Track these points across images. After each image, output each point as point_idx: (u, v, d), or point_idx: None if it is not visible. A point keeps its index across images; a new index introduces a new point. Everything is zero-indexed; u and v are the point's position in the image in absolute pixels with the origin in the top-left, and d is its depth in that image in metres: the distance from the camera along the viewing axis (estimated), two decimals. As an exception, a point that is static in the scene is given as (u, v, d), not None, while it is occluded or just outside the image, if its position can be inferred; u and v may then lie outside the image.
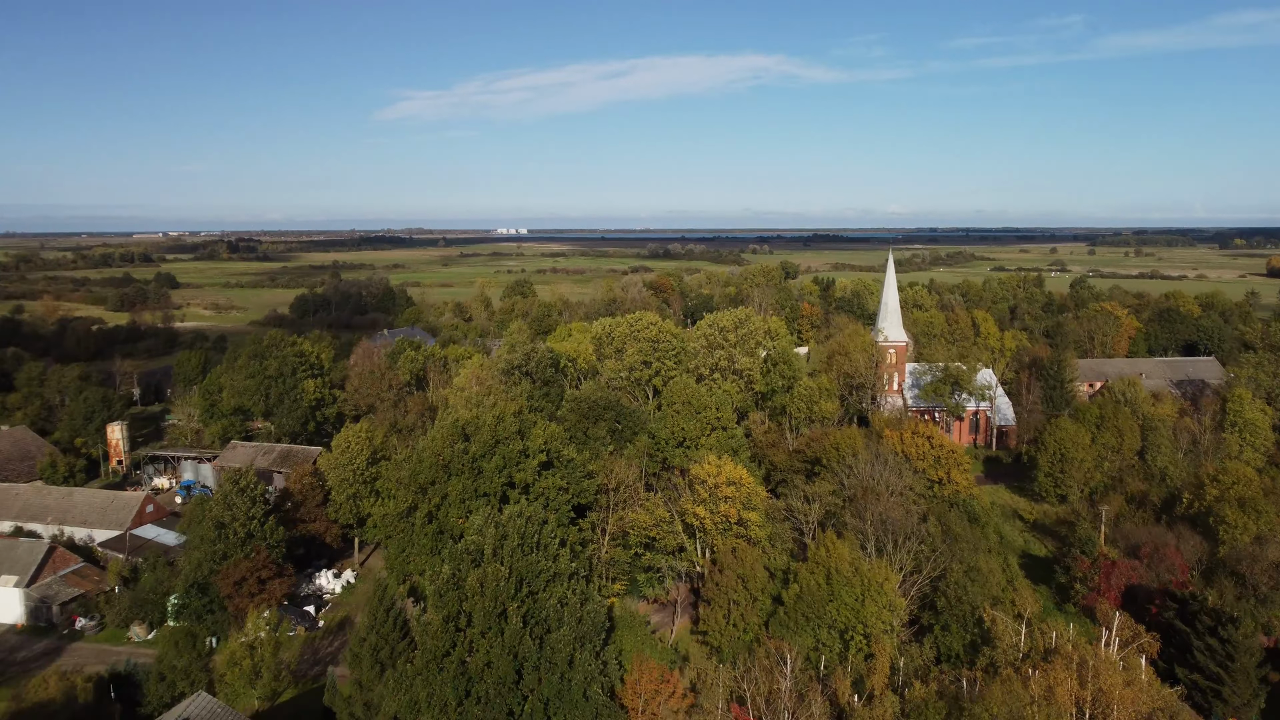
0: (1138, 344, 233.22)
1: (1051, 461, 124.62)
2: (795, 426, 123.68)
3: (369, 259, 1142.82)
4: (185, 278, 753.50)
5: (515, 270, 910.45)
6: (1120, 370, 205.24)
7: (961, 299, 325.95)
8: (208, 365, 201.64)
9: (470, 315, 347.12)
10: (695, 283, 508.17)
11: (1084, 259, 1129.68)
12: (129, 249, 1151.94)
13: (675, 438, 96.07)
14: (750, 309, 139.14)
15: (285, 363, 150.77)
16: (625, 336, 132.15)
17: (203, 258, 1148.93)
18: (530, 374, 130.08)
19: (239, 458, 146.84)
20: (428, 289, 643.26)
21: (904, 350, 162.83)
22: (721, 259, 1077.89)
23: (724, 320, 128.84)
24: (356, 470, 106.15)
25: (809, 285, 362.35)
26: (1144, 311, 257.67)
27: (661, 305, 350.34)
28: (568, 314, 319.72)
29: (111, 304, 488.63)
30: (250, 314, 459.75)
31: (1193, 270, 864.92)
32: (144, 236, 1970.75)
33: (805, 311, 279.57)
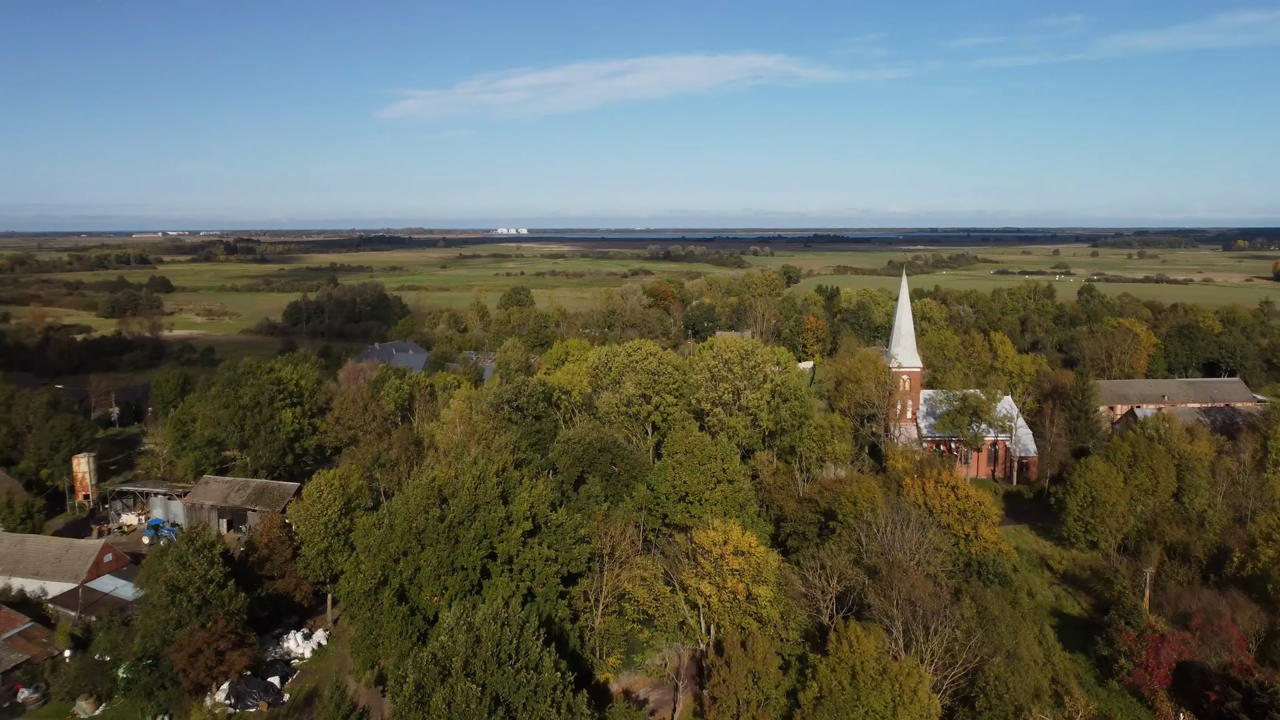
0: (1157, 362, 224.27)
1: (1081, 505, 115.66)
2: (806, 468, 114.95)
3: (368, 260, 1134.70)
4: (181, 281, 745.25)
5: (514, 272, 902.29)
6: (1143, 393, 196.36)
7: (970, 309, 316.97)
8: (187, 386, 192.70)
9: (465, 325, 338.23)
10: (696, 288, 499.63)
11: (1087, 261, 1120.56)
12: (126, 250, 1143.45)
13: (677, 492, 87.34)
14: (757, 340, 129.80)
15: (261, 391, 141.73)
16: (623, 367, 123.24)
17: (200, 259, 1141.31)
18: (521, 409, 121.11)
19: (211, 494, 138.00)
20: (425, 293, 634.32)
21: (918, 376, 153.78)
22: (723, 261, 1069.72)
23: (729, 351, 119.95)
24: (328, 522, 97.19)
25: (812, 295, 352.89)
26: (1161, 326, 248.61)
27: (662, 315, 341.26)
28: (565, 325, 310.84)
29: (102, 310, 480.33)
30: (243, 321, 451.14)
31: (1198, 273, 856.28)
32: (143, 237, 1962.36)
33: (810, 325, 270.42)
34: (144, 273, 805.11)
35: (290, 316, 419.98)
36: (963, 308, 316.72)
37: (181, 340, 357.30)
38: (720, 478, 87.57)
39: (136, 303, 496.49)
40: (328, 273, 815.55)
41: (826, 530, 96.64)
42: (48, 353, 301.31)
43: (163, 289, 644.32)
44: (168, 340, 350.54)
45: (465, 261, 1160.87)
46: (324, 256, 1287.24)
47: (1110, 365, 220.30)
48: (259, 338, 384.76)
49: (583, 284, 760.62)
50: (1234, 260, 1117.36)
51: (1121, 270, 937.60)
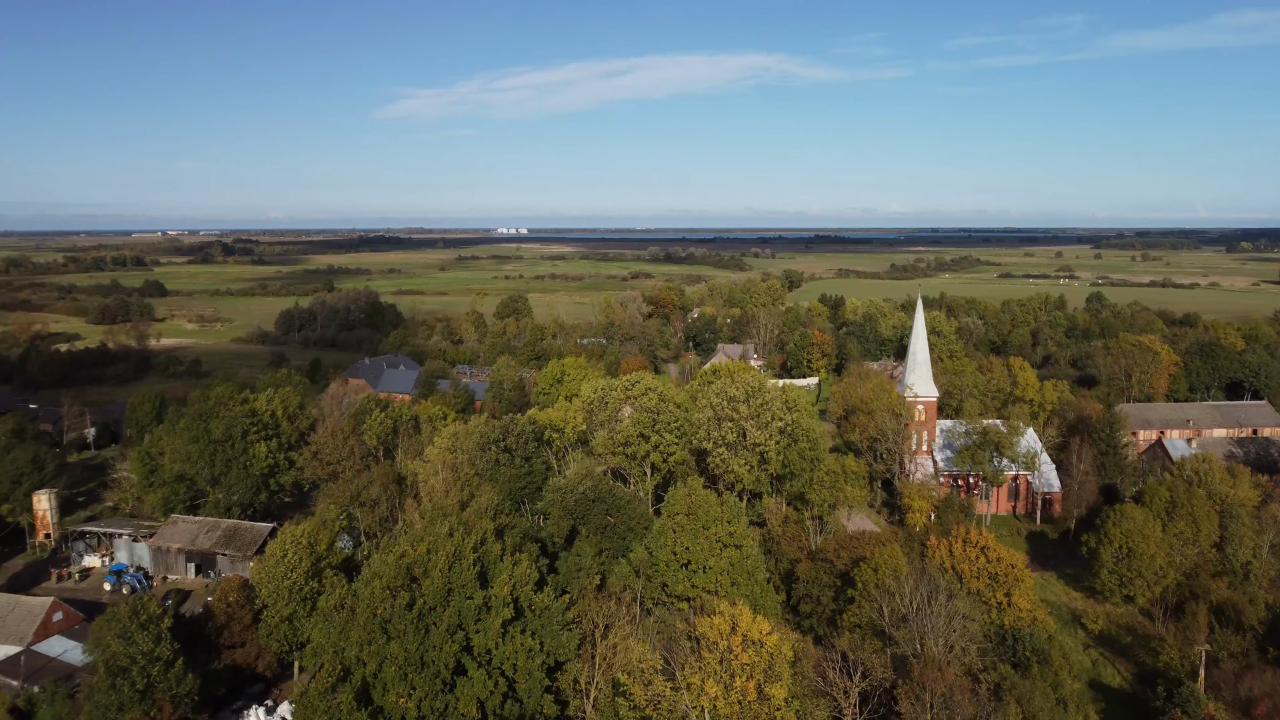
0: (1178, 381, 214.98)
1: (1117, 556, 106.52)
2: (819, 515, 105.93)
3: (366, 262, 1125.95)
4: (176, 284, 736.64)
5: (513, 275, 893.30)
6: (1166, 417, 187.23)
7: (979, 320, 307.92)
8: (163, 408, 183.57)
9: (460, 336, 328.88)
10: (697, 295, 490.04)
11: (1091, 263, 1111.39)
12: (123, 252, 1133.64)
13: (678, 559, 78.18)
14: (765, 375, 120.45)
15: (234, 425, 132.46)
16: (620, 402, 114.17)
17: (197, 261, 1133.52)
18: (509, 449, 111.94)
19: (179, 535, 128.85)
20: (422, 298, 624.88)
21: (934, 406, 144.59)
22: (724, 263, 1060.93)
23: (734, 389, 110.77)
24: (293, 585, 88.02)
25: (816, 306, 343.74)
26: (1180, 342, 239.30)
27: (661, 327, 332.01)
28: (562, 337, 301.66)
29: (92, 316, 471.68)
30: (235, 328, 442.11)
31: (1203, 277, 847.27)
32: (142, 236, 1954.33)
33: (816, 339, 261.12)
34: (140, 275, 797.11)
35: (282, 324, 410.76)
36: (971, 319, 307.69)
37: (169, 351, 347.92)
38: (727, 542, 78.57)
39: (127, 309, 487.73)
40: (325, 276, 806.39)
41: (843, 596, 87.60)
42: (29, 365, 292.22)
43: (156, 293, 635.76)
44: (155, 351, 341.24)
45: (464, 263, 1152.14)
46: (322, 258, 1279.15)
47: (1130, 385, 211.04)
48: (249, 347, 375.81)
49: (582, 288, 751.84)
50: (1238, 263, 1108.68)
51: (1126, 273, 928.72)
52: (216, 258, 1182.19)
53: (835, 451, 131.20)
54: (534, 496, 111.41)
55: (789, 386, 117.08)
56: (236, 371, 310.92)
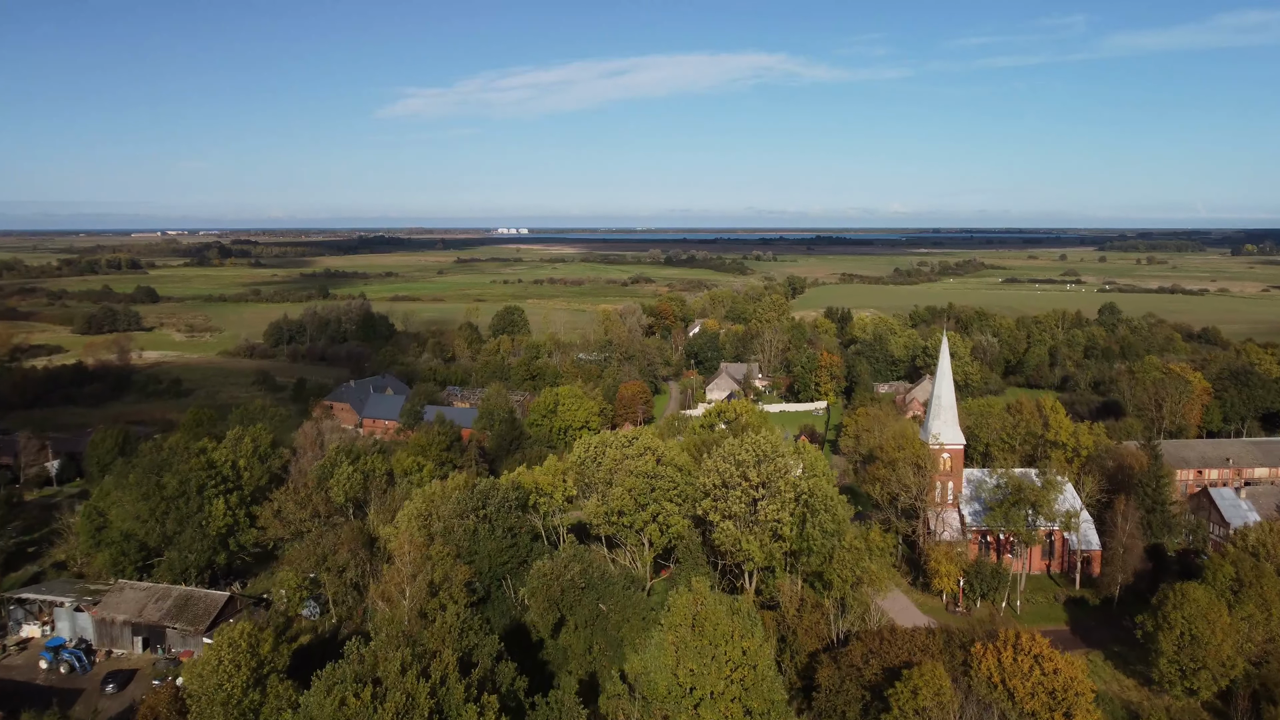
0: (1211, 411, 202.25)
1: (1178, 645, 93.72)
2: (840, 597, 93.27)
3: (364, 264, 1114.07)
4: (169, 288, 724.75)
5: (512, 279, 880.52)
6: (1204, 455, 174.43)
7: (994, 339, 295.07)
8: (127, 445, 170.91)
9: (453, 353, 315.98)
10: (698, 305, 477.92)
11: (1096, 267, 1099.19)
12: (118, 254, 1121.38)
13: (681, 686, 65.17)
14: (777, 436, 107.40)
15: (188, 480, 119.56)
16: (615, 465, 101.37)
17: (194, 263, 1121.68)
18: (490, 519, 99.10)
19: (125, 605, 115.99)
20: (418, 305, 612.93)
21: (961, 455, 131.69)
22: (725, 266, 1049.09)
23: (743, 452, 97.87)
24: (228, 699, 75.21)
25: (823, 322, 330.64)
26: (1211, 366, 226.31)
27: (661, 344, 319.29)
28: (559, 355, 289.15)
29: (78, 326, 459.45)
30: (223, 339, 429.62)
31: (1211, 282, 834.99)
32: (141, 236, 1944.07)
33: (824, 362, 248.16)
34: (133, 279, 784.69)
35: (271, 336, 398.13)
36: (985, 337, 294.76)
37: (151, 367, 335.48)
38: (739, 661, 65.85)
39: (114, 319, 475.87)
40: (320, 280, 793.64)
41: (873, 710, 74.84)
42: (1, 384, 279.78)
43: (147, 300, 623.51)
44: (136, 368, 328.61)
45: (463, 266, 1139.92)
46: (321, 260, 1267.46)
47: (1160, 416, 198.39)
48: (235, 362, 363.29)
49: (582, 293, 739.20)
50: (1246, 267, 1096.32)
51: (1133, 278, 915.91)
52: (213, 260, 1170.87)
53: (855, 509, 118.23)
54: (517, 571, 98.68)
55: (806, 449, 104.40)
56: (219, 391, 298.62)
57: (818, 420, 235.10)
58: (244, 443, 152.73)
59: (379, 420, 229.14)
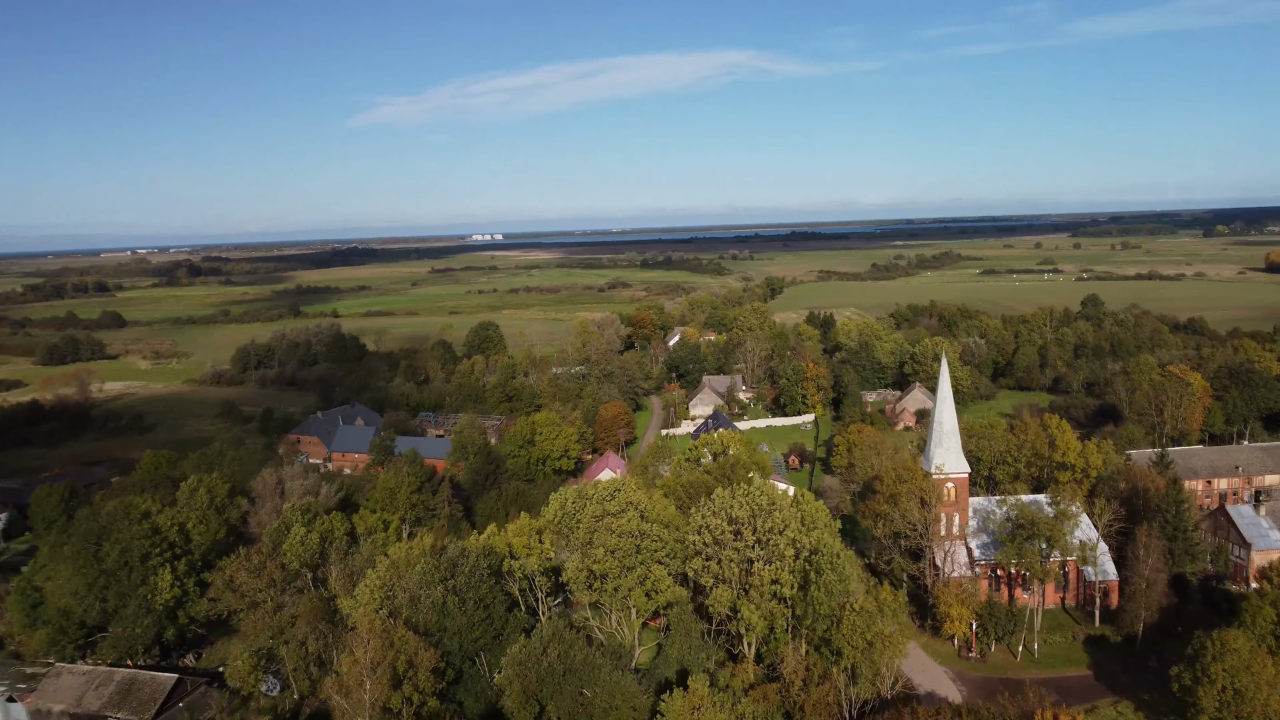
0: (1214, 414, 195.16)
1: (1220, 701, 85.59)
2: (850, 666, 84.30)
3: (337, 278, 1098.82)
4: (136, 312, 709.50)
5: (487, 289, 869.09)
6: (1213, 464, 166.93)
7: (981, 340, 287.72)
8: (74, 499, 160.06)
9: (426, 374, 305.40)
10: (677, 312, 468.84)
11: (1071, 254, 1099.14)
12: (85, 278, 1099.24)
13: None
14: (773, 484, 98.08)
15: (130, 549, 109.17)
16: (595, 522, 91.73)
17: (163, 283, 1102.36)
18: (459, 592, 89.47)
19: (63, 692, 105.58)
20: (392, 321, 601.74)
21: (965, 483, 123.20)
22: (702, 268, 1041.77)
23: (737, 508, 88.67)
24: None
25: (806, 329, 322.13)
26: (1209, 363, 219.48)
27: (642, 358, 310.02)
28: (536, 374, 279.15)
29: (39, 357, 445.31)
30: (190, 366, 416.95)
31: (1188, 266, 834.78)
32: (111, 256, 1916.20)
33: (810, 373, 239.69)
34: (100, 303, 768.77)
35: (238, 362, 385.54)
36: (973, 339, 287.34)
37: (112, 401, 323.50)
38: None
39: (77, 348, 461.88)
40: (292, 298, 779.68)
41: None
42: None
43: (113, 325, 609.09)
44: (96, 402, 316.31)
45: (438, 277, 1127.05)
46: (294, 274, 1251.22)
47: (1161, 421, 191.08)
48: (202, 391, 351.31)
49: (558, 302, 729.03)
50: (1219, 249, 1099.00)
51: (1110, 265, 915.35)
52: (182, 280, 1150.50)
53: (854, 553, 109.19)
54: (492, 647, 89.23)
55: (805, 500, 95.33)
56: (182, 424, 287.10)
57: (806, 436, 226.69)
58: (198, 495, 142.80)
59: (348, 454, 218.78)
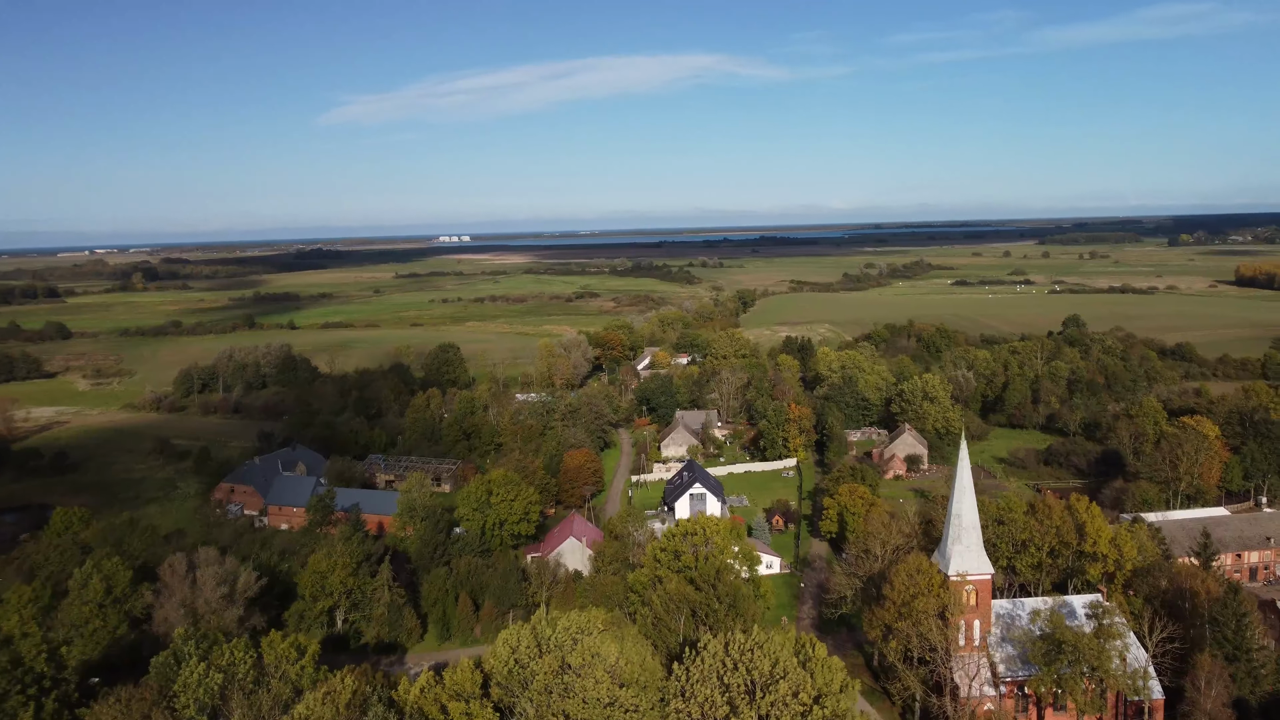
0: (1231, 469, 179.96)
1: None
2: None
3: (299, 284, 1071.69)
4: (84, 321, 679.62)
5: (451, 298, 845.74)
6: (1242, 534, 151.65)
7: (970, 373, 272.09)
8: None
9: (379, 408, 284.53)
10: (647, 330, 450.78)
11: (1040, 264, 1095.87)
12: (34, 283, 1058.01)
13: None
14: (777, 642, 79.21)
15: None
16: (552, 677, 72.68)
17: (117, 288, 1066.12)
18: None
19: None
20: (351, 335, 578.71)
21: (989, 586, 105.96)
22: (672, 276, 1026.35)
23: (733, 675, 70.36)
24: None
25: (785, 360, 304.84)
26: (1219, 409, 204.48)
27: (611, 392, 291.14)
28: (497, 408, 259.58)
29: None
30: (133, 386, 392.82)
31: (1158, 278, 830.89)
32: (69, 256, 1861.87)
33: (793, 414, 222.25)
34: (47, 311, 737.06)
35: (181, 386, 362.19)
36: (961, 372, 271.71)
37: (38, 433, 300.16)
38: None
39: (11, 367, 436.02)
40: (248, 309, 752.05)
41: None
42: None
43: (57, 336, 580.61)
44: (20, 434, 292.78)
45: (402, 283, 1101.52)
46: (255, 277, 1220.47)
47: (1176, 477, 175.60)
48: (139, 419, 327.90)
49: (524, 313, 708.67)
50: (1186, 259, 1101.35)
51: (1080, 275, 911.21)
52: (136, 285, 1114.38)
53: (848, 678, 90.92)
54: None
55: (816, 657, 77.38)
56: (111, 463, 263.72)
57: (789, 484, 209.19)
58: (92, 585, 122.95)
59: (285, 507, 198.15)
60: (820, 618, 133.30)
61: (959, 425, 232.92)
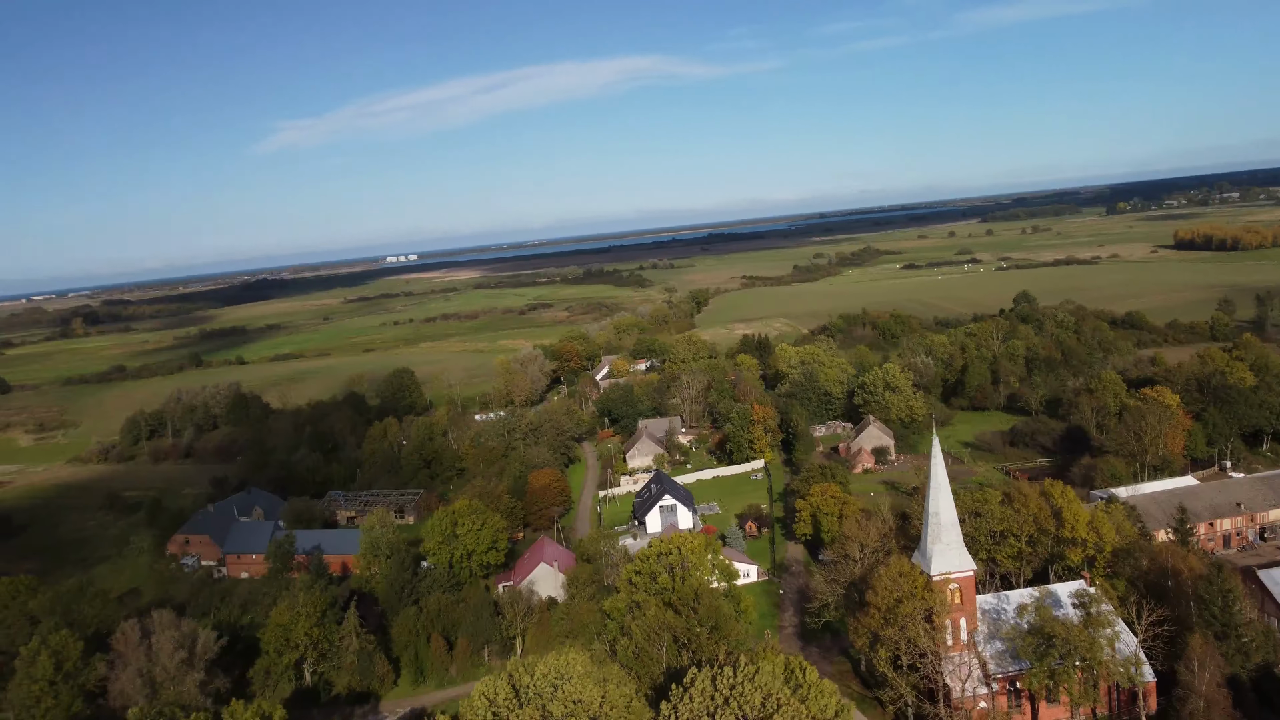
0: (1194, 437, 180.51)
1: None
2: None
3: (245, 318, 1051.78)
4: (24, 373, 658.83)
5: (403, 319, 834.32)
6: (1214, 503, 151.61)
7: (928, 359, 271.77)
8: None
9: (336, 441, 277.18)
10: (603, 339, 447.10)
11: (985, 241, 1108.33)
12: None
13: None
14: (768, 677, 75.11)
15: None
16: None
17: (56, 335, 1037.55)
18: None
19: None
20: (303, 365, 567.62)
21: (972, 583, 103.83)
22: (623, 280, 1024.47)
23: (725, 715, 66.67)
24: None
25: (745, 359, 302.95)
26: (1177, 378, 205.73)
27: (572, 406, 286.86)
28: (455, 432, 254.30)
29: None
30: (78, 438, 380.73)
31: (1100, 248, 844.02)
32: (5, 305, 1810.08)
33: (757, 416, 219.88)
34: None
35: (129, 433, 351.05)
36: (919, 358, 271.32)
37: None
38: None
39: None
40: (194, 347, 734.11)
41: None
42: None
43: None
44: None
45: (351, 308, 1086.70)
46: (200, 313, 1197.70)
47: (1142, 449, 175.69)
48: (86, 472, 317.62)
49: (478, 329, 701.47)
50: (1125, 227, 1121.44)
51: (1025, 251, 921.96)
52: (77, 330, 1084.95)
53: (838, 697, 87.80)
54: None
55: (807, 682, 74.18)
56: (59, 522, 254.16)
57: (758, 487, 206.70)
58: (40, 662, 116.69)
59: (244, 555, 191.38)
60: (803, 626, 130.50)
61: (923, 412, 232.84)
